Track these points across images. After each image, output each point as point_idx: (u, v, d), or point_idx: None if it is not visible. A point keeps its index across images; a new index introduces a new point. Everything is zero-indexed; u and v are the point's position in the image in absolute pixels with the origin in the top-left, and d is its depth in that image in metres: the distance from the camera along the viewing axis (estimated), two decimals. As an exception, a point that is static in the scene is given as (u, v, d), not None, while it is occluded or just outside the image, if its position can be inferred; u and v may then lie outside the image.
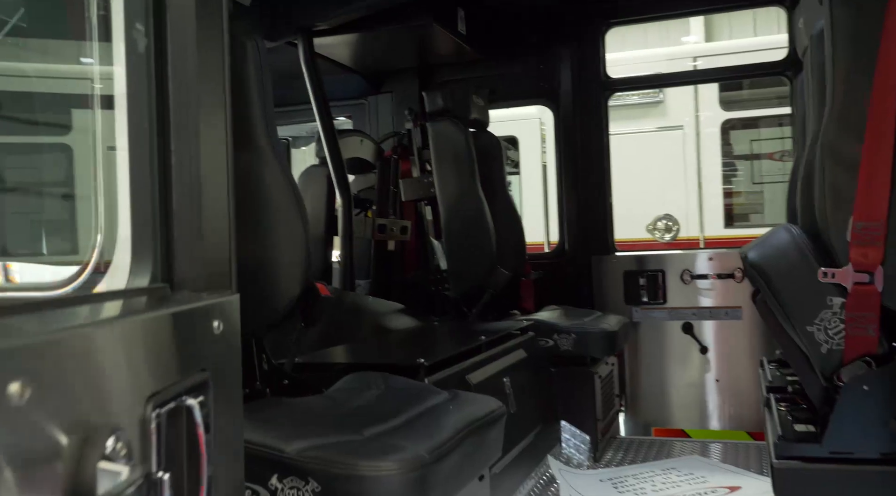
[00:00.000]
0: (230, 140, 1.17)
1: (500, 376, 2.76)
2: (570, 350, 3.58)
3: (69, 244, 2.74)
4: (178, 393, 0.80)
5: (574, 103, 4.44)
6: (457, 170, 3.76)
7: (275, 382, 2.13)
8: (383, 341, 2.84)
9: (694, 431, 4.33)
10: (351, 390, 1.94)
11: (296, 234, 2.03)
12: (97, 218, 1.52)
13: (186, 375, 0.87)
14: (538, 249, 6.44)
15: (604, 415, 3.74)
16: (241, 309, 2.01)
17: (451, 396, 1.87)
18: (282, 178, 2.03)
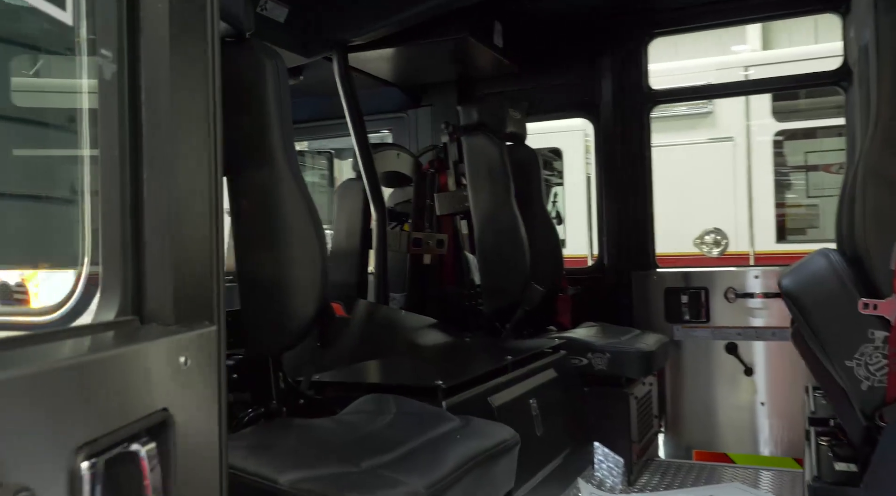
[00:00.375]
0: (216, 168, 1.14)
1: (527, 398, 2.70)
2: (604, 369, 3.50)
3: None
4: (121, 439, 0.77)
5: (615, 115, 4.35)
6: (491, 184, 3.72)
7: (291, 402, 2.13)
8: (408, 359, 2.82)
9: (737, 456, 4.17)
10: (362, 414, 1.92)
11: (312, 253, 2.02)
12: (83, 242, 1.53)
13: (139, 417, 0.84)
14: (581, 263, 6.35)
15: (640, 436, 3.63)
16: (255, 328, 2.01)
17: (462, 423, 1.83)
18: (298, 196, 2.03)
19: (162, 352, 0.91)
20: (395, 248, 3.91)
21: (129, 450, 0.78)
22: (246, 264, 2.06)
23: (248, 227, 2.06)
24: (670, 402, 4.24)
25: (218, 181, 1.14)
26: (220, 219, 1.15)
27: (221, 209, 1.17)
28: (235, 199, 2.07)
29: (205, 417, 1.00)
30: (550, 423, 2.83)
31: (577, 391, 3.35)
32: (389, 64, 4.22)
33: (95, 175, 1.01)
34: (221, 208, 1.17)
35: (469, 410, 2.32)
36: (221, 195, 1.17)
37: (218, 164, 1.14)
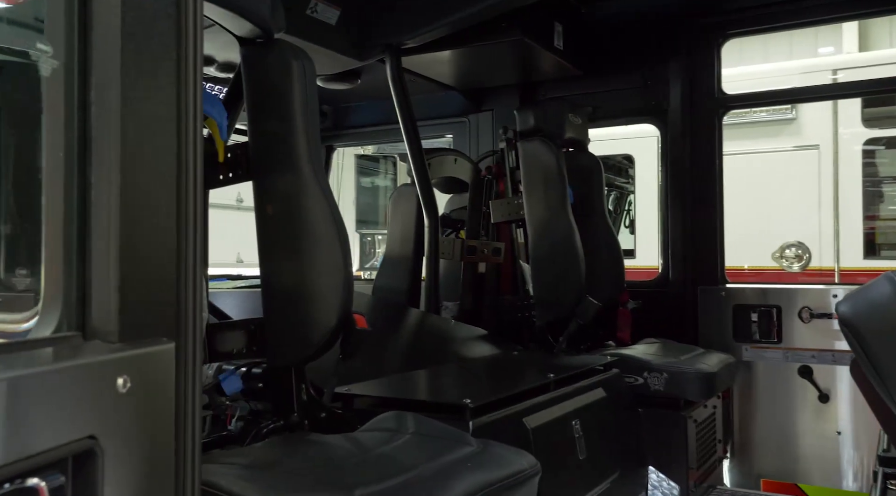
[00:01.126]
0: (187, 173, 1.06)
1: (569, 419, 2.55)
2: (660, 390, 3.30)
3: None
4: (17, 473, 0.70)
5: (684, 121, 4.13)
6: (545, 191, 3.58)
7: (313, 415, 2.07)
8: (443, 373, 2.72)
9: (810, 488, 3.88)
10: (377, 433, 1.83)
11: (335, 261, 1.95)
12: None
13: (50, 447, 0.77)
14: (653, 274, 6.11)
15: (699, 462, 3.41)
16: (277, 337, 1.96)
17: (479, 448, 1.72)
18: (323, 202, 1.97)
19: (93, 373, 0.84)
20: (449, 255, 3.82)
21: (25, 485, 0.71)
22: (269, 271, 2.02)
23: (271, 232, 2.02)
24: (738, 427, 3.98)
25: (190, 187, 1.06)
26: (195, 228, 1.07)
27: (197, 218, 1.09)
28: (260, 204, 2.03)
29: (151, 446, 0.92)
30: (596, 446, 2.67)
31: (629, 412, 3.17)
32: (449, 67, 4.14)
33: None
34: (197, 217, 1.09)
35: (501, 432, 2.20)
36: (198, 202, 1.09)
37: (191, 169, 1.06)
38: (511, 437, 2.24)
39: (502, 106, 4.49)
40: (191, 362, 1.03)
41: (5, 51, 1.53)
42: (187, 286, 1.06)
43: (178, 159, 1.05)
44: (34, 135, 1.00)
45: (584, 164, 4.02)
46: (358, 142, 5.82)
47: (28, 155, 1.38)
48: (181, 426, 0.99)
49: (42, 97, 0.97)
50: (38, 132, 0.95)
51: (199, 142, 1.08)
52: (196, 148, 1.08)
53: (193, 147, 1.08)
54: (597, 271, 3.79)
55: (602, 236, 3.96)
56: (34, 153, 0.98)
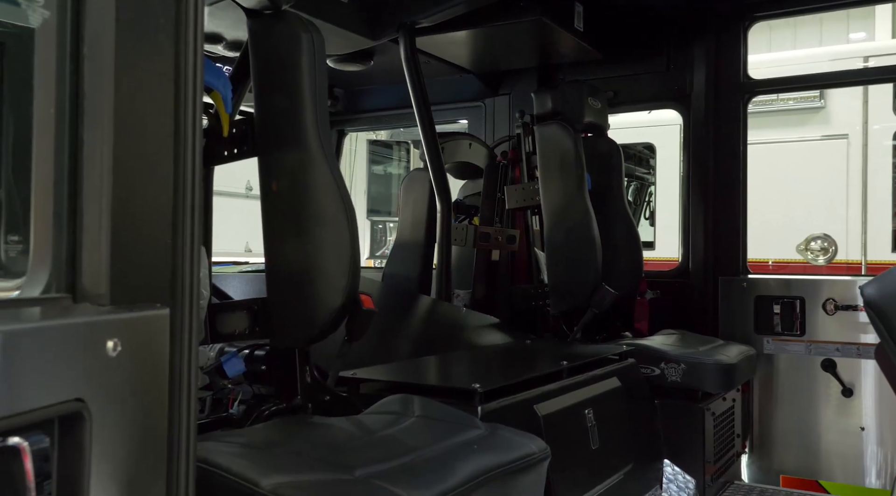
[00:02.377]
0: (186, 132, 1.01)
1: (581, 408, 2.48)
2: (678, 381, 3.21)
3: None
4: None
5: (707, 107, 4.01)
6: (562, 177, 3.49)
7: (316, 398, 2.01)
8: (452, 359, 2.65)
9: (831, 485, 3.76)
10: (381, 415, 1.77)
11: (341, 240, 1.89)
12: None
13: (33, 408, 0.73)
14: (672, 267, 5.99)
15: (716, 456, 3.32)
16: (280, 317, 1.90)
17: (487, 432, 1.65)
18: (330, 179, 1.90)
19: (81, 334, 0.79)
20: (461, 242, 3.75)
21: (7, 444, 0.66)
22: (273, 249, 1.96)
23: (276, 210, 1.96)
24: (757, 421, 3.88)
25: (189, 150, 1.01)
26: (193, 193, 1.02)
27: (196, 182, 1.03)
28: (265, 182, 1.97)
29: (143, 414, 0.88)
30: (609, 437, 2.60)
31: (645, 403, 3.08)
32: (465, 49, 4.05)
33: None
34: (196, 182, 1.03)
35: (511, 418, 2.13)
36: (196, 166, 1.03)
37: (189, 131, 1.00)
38: (521, 424, 2.17)
39: (519, 90, 4.40)
40: (186, 331, 0.99)
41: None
42: (184, 252, 1.02)
43: (176, 119, 1.01)
44: (25, 92, 0.95)
45: (603, 149, 3.92)
46: (370, 126, 5.76)
47: (20, 114, 1.34)
48: (176, 396, 0.96)
49: (33, 50, 0.92)
50: (30, 89, 0.90)
51: (198, 102, 1.03)
52: (195, 108, 1.03)
53: (193, 107, 1.03)
54: (614, 260, 3.70)
55: (620, 224, 3.86)
56: (26, 113, 0.93)
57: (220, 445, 1.39)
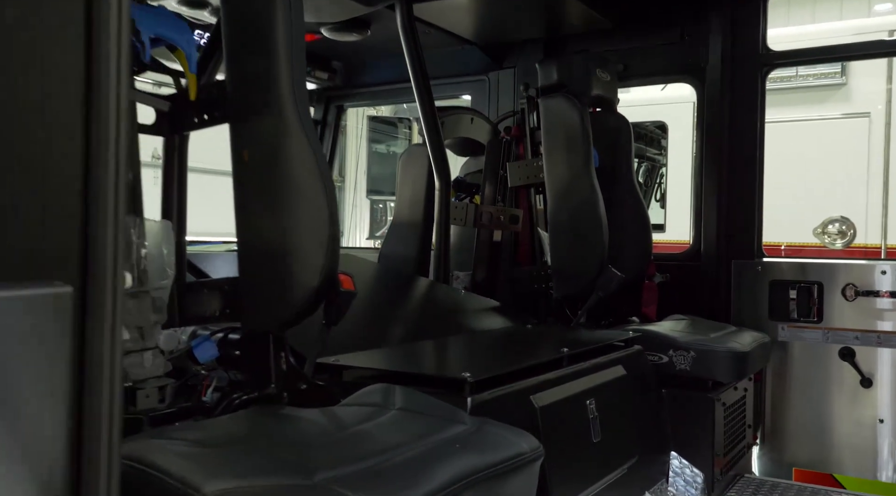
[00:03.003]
0: (112, 94, 0.85)
1: (583, 398, 2.31)
2: (686, 370, 3.04)
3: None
4: None
5: (724, 80, 3.80)
6: (567, 152, 3.30)
7: (292, 386, 1.85)
8: (447, 344, 2.49)
9: (847, 479, 3.59)
10: (360, 408, 1.61)
11: (318, 216, 1.72)
12: None
13: None
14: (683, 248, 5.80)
15: (726, 449, 3.16)
16: (252, 299, 1.74)
17: (473, 428, 1.49)
18: (307, 150, 1.73)
19: None
20: (461, 221, 3.58)
21: None
22: (244, 225, 1.80)
23: (247, 181, 1.79)
24: (769, 412, 3.70)
25: (107, 106, 0.85)
26: (116, 155, 0.86)
27: (118, 145, 0.87)
28: (237, 151, 1.80)
29: (38, 407, 0.74)
30: (613, 428, 2.43)
31: (651, 393, 2.91)
32: (467, 18, 3.85)
33: None
34: (117, 144, 0.87)
35: (504, 410, 1.97)
36: (118, 127, 0.87)
37: (108, 84, 0.84)
38: (516, 417, 2.01)
39: (525, 63, 4.20)
40: (104, 312, 0.84)
41: None
42: (97, 225, 0.86)
43: (90, 58, 0.84)
44: None
45: (611, 125, 3.72)
46: (370, 101, 5.57)
47: None
48: (88, 385, 0.81)
49: None
50: None
51: (123, 50, 0.86)
52: (120, 59, 0.86)
53: (115, 57, 0.86)
54: (621, 241, 3.52)
55: (628, 203, 3.67)
56: None
57: (166, 442, 1.24)
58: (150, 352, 1.64)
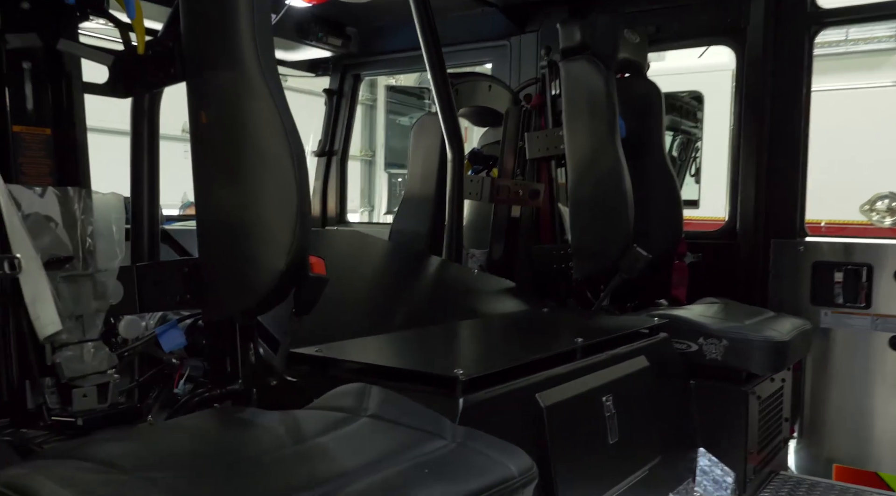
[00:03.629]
0: None
1: (598, 394, 2.07)
2: (717, 359, 2.76)
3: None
4: None
5: (766, 43, 3.46)
6: (590, 121, 3.01)
7: (263, 381, 1.64)
8: (448, 332, 2.25)
9: (891, 478, 3.30)
10: (327, 413, 1.39)
11: (285, 189, 1.49)
12: None
13: None
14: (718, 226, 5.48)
15: (760, 445, 2.89)
16: (214, 283, 1.52)
17: (453, 444, 1.25)
18: (272, 110, 1.49)
19: None
20: (475, 195, 3.33)
21: None
22: (203, 199, 1.57)
23: (206, 147, 1.56)
24: (809, 404, 3.42)
25: None
26: None
27: None
28: (194, 112, 1.57)
29: None
30: (632, 427, 2.19)
31: (678, 385, 2.66)
32: (487, -22, 3.56)
33: None
34: None
35: (504, 411, 1.74)
36: None
37: None
38: (518, 419, 1.79)
39: (549, 26, 3.88)
40: None
41: None
42: None
43: None
44: None
45: (640, 91, 3.42)
46: (388, 70, 5.30)
47: None
48: None
49: None
50: None
51: None
52: None
53: None
54: (649, 218, 3.24)
55: (658, 177, 3.38)
56: None
57: (67, 463, 1.03)
58: (90, 345, 1.44)
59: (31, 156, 1.50)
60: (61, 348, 1.40)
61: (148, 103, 1.89)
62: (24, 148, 1.49)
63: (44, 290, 1.37)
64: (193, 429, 1.30)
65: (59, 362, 1.38)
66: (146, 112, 1.91)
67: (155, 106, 1.92)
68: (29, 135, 1.50)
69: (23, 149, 1.49)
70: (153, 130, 1.92)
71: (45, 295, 1.37)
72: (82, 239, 1.51)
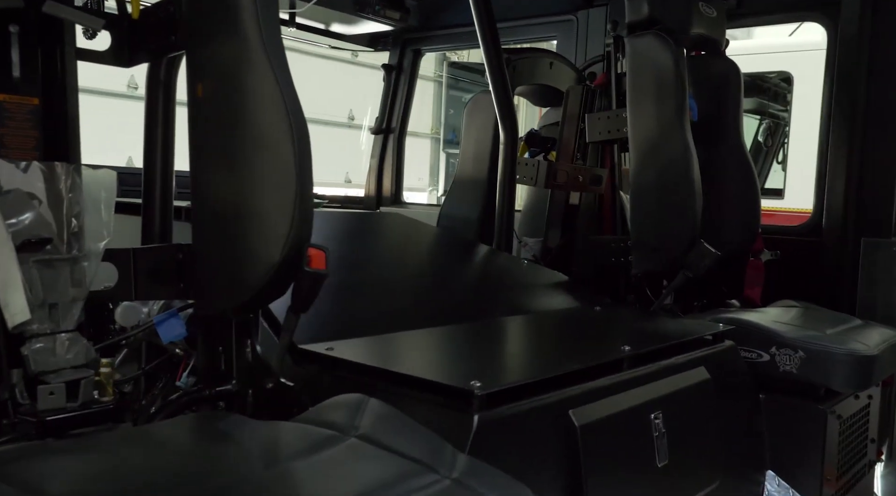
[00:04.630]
0: None
1: (646, 411, 1.83)
2: (793, 372, 2.47)
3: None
4: None
5: (862, 18, 3.07)
6: (656, 102, 2.72)
7: (260, 382, 1.49)
8: (478, 333, 2.04)
9: None
10: (314, 429, 1.21)
11: (282, 173, 1.32)
12: None
13: None
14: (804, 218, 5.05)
15: (840, 470, 2.57)
16: (205, 274, 1.37)
17: (447, 483, 1.05)
18: (273, 86, 1.32)
19: None
20: (530, 180, 3.10)
21: None
22: (198, 179, 1.42)
23: (202, 123, 1.41)
24: (899, 423, 3.06)
25: None
26: None
27: None
28: (191, 85, 1.42)
29: None
30: (686, 448, 1.94)
31: (744, 400, 2.37)
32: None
33: None
34: None
35: (529, 431, 1.53)
36: None
37: None
38: (546, 440, 1.57)
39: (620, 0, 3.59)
40: None
41: None
42: None
43: None
44: None
45: (716, 70, 3.10)
46: (448, 45, 5.10)
47: None
48: None
49: None
50: None
51: None
52: None
53: None
54: (722, 210, 2.95)
55: (733, 165, 3.07)
56: None
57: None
58: (64, 337, 1.30)
59: (14, 127, 1.38)
60: (31, 339, 1.27)
61: (164, 72, 1.76)
62: (7, 118, 1.37)
63: (14, 275, 1.24)
64: (156, 441, 1.15)
65: (27, 355, 1.25)
66: (161, 81, 1.78)
67: (171, 75, 1.78)
68: (14, 104, 1.38)
69: (6, 119, 1.37)
70: (169, 101, 1.78)
71: (16, 280, 1.24)
72: (68, 219, 1.38)
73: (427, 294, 2.40)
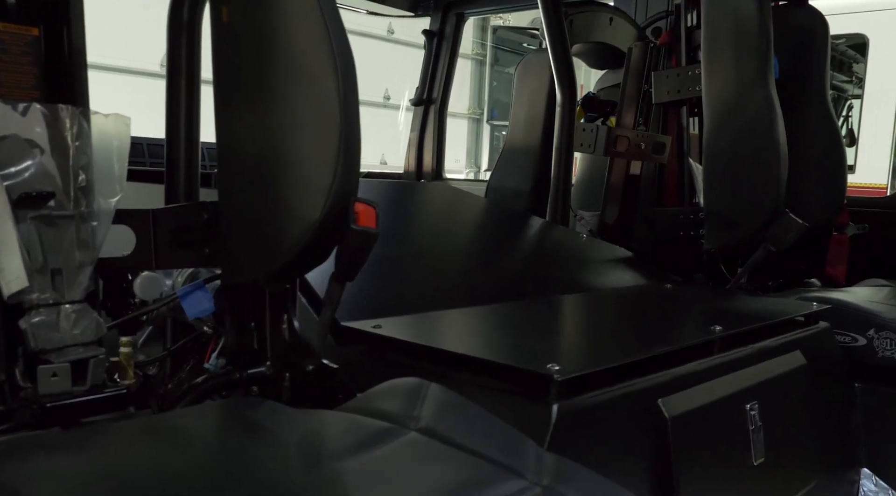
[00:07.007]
0: None
1: (741, 401, 1.58)
2: (892, 357, 2.18)
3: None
4: None
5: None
6: (737, 57, 2.43)
7: (297, 366, 1.27)
8: (544, 311, 1.81)
9: None
10: (366, 420, 0.99)
11: (324, 115, 1.09)
12: None
13: None
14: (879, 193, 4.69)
15: (944, 468, 2.29)
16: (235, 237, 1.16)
17: (539, 485, 0.82)
18: (315, 9, 1.09)
19: None
20: (588, 147, 2.84)
21: None
22: (223, 124, 1.20)
23: (226, 55, 1.18)
24: None
25: None
26: None
27: None
28: (216, 7, 1.20)
29: None
30: (784, 443, 1.69)
31: (839, 388, 2.10)
32: None
33: None
34: None
35: (613, 422, 1.30)
36: None
37: None
38: (633, 432, 1.33)
39: (687, -51, 3.28)
40: None
41: None
42: None
43: None
44: None
45: (800, 22, 2.79)
46: (496, 7, 4.82)
47: None
48: None
49: None
50: None
51: None
52: None
53: None
54: (805, 178, 2.65)
55: (819, 128, 2.76)
56: None
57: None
58: (69, 309, 1.10)
59: (10, 62, 1.17)
60: (30, 311, 1.07)
61: (187, 10, 1.55)
62: (1, 51, 1.16)
63: (9, 234, 1.05)
64: (173, 435, 0.95)
65: (25, 329, 1.06)
66: (185, 25, 1.57)
67: (196, 14, 1.57)
68: (8, 34, 1.17)
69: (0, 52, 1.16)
70: (193, 46, 1.58)
71: (11, 240, 1.04)
72: (74, 171, 1.17)
73: (479, 269, 2.17)
